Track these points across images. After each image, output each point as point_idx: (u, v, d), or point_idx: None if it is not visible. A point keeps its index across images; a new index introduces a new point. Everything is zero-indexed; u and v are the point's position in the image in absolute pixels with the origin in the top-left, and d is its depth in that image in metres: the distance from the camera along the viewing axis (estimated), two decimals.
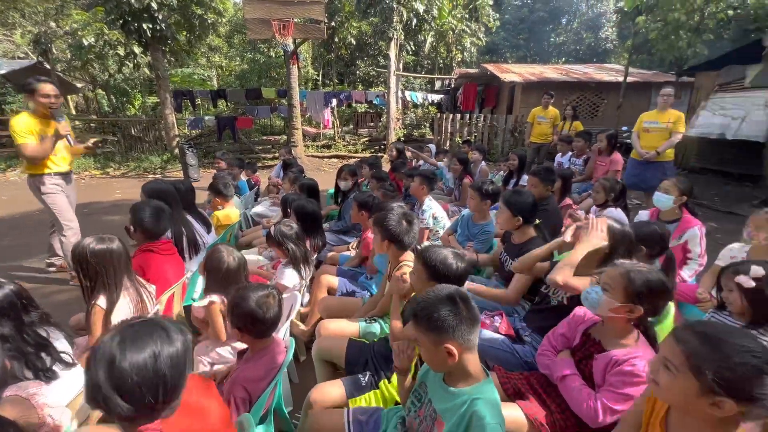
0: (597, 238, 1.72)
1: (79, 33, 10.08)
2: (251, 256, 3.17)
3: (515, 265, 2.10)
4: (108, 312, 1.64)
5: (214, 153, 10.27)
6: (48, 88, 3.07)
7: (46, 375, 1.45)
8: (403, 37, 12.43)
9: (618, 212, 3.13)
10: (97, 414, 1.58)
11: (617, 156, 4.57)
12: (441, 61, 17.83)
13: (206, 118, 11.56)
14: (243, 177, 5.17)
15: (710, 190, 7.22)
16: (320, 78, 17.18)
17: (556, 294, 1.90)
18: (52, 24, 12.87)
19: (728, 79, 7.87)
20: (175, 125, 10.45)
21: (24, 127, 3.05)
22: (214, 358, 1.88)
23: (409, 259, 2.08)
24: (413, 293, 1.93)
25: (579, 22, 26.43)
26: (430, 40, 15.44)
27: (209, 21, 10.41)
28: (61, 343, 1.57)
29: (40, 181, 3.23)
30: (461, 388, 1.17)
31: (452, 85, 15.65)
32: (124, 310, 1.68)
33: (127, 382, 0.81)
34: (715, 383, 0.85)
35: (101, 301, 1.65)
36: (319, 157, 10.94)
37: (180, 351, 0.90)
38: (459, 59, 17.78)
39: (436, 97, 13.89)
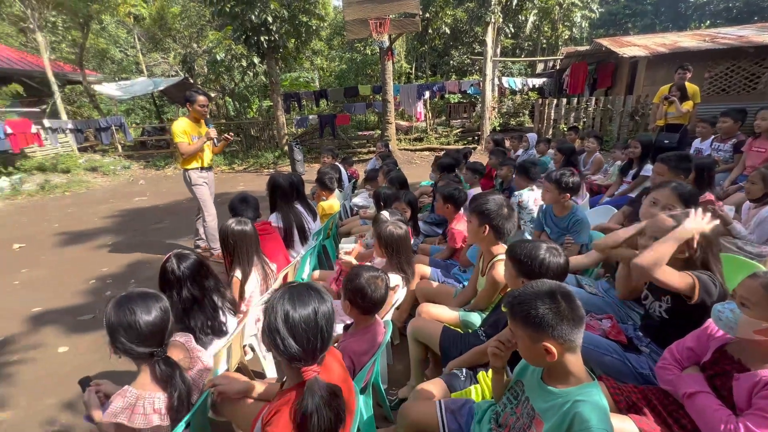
0: (695, 225, 1.46)
1: (213, 50, 11.99)
2: (349, 245, 3.43)
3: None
4: (242, 282, 1.99)
5: (317, 149, 11.24)
6: (202, 99, 3.88)
7: (217, 332, 1.82)
8: (501, 19, 11.72)
9: None
10: (235, 362, 1.94)
11: None
12: (544, 42, 16.32)
13: (310, 117, 12.70)
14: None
15: None
16: (413, 71, 17.29)
17: (652, 307, 1.64)
18: (194, 45, 15.58)
19: None
20: (285, 125, 11.74)
21: (180, 129, 3.84)
22: None
23: (503, 252, 2.02)
24: (508, 288, 1.87)
25: None
26: (532, 19, 14.25)
27: (313, 27, 11.34)
28: (223, 313, 1.91)
29: (190, 174, 4.01)
30: (563, 389, 1.12)
31: (557, 67, 14.17)
32: (253, 281, 2.01)
33: (298, 330, 1.03)
34: None
35: (237, 273, 2.02)
36: (411, 150, 11.11)
37: (330, 309, 1.09)
38: (566, 37, 16.04)
39: (538, 82, 12.77)
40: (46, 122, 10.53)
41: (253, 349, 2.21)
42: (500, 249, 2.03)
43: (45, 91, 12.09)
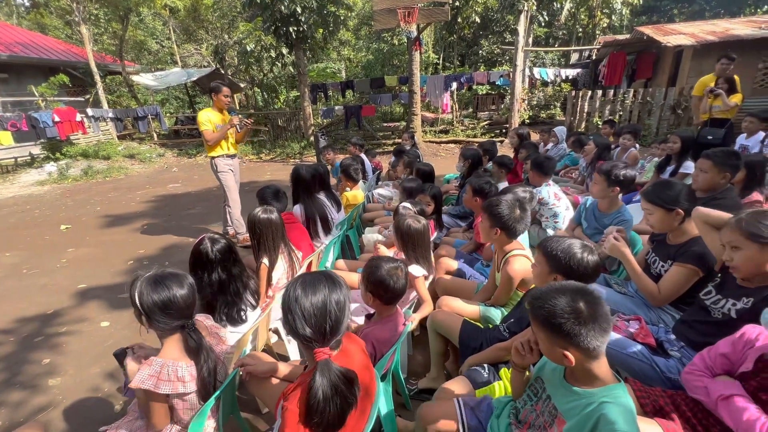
0: None
1: (243, 41, 12.22)
2: (373, 235, 3.47)
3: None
4: (270, 268, 2.06)
5: (342, 140, 11.31)
6: (227, 90, 4.10)
7: (233, 320, 1.90)
8: (534, 7, 11.28)
9: None
10: (261, 344, 2.02)
11: None
12: (580, 30, 15.58)
13: (336, 108, 12.76)
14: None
15: None
16: (440, 61, 16.97)
17: (719, 305, 1.56)
18: (226, 36, 15.94)
19: None
20: (311, 116, 11.86)
21: (205, 118, 4.07)
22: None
23: (516, 248, 2.01)
24: (532, 285, 1.84)
25: None
26: (568, 6, 13.62)
27: (341, 17, 11.32)
28: (246, 300, 1.99)
29: (216, 162, 4.21)
30: (587, 389, 1.09)
31: (593, 57, 13.53)
32: (280, 268, 2.08)
33: (309, 315, 1.09)
34: None
35: (265, 260, 2.10)
36: (436, 142, 10.99)
37: (341, 296, 1.15)
38: (604, 25, 15.24)
39: (572, 72, 12.26)
40: (90, 111, 11.14)
41: (278, 333, 2.29)
42: (512, 246, 2.04)
43: (88, 81, 12.75)
